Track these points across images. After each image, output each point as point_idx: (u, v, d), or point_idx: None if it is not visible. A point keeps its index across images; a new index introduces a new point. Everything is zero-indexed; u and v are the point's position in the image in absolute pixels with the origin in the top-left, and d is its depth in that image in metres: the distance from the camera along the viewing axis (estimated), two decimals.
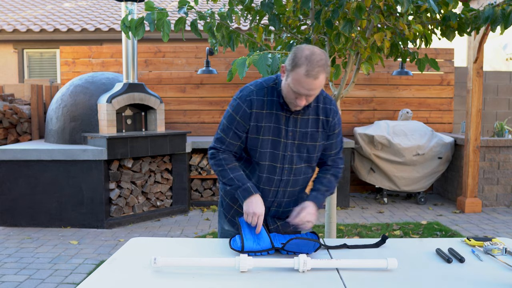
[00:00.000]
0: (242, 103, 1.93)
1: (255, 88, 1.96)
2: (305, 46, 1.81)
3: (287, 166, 1.99)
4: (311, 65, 1.74)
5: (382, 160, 5.92)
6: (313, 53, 1.76)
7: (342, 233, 4.71)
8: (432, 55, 6.71)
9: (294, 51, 1.80)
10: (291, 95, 1.83)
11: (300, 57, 1.76)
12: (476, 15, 2.81)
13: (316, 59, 1.75)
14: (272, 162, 1.98)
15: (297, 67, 1.76)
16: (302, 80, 1.76)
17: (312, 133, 1.98)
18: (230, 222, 2.16)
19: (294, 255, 1.82)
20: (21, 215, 4.98)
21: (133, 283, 1.54)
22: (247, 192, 1.91)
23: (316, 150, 2.02)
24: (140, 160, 5.35)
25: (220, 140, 1.99)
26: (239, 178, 1.94)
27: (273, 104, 1.94)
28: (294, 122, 1.95)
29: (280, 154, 1.97)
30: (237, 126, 1.94)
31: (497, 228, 5.02)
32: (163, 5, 11.26)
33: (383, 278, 1.60)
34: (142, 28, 2.58)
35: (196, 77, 6.67)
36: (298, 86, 1.78)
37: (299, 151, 1.99)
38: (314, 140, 2.00)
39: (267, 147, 1.96)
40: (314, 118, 1.98)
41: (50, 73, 10.17)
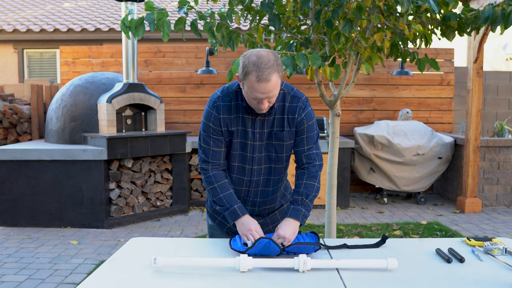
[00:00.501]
0: (211, 110, 1.98)
1: (221, 94, 1.99)
2: (251, 52, 1.83)
3: (256, 167, 2.03)
4: (260, 70, 1.76)
5: (382, 160, 5.92)
6: (260, 57, 1.78)
7: (342, 233, 4.71)
8: (432, 55, 6.71)
9: (242, 60, 1.83)
10: (252, 101, 1.86)
11: (247, 64, 1.79)
12: (476, 15, 2.81)
13: (263, 62, 1.77)
14: (241, 163, 2.03)
15: (247, 74, 1.79)
16: (255, 86, 1.78)
17: (276, 132, 1.99)
18: (211, 218, 2.23)
19: (294, 255, 1.82)
20: (21, 215, 4.98)
21: (133, 283, 1.54)
22: (234, 215, 1.93)
23: (284, 149, 2.03)
24: (140, 160, 5.35)
25: (204, 151, 2.01)
26: (228, 199, 1.95)
27: (239, 108, 1.97)
28: (260, 124, 1.98)
29: (249, 156, 2.02)
30: (213, 132, 1.98)
31: (497, 228, 5.02)
32: (163, 5, 11.26)
33: (383, 278, 1.60)
34: (142, 28, 2.58)
35: (196, 77, 6.67)
36: (254, 92, 1.80)
37: (267, 151, 2.02)
38: (280, 139, 2.00)
39: (237, 149, 2.01)
40: (280, 118, 1.99)
41: (50, 73, 10.17)
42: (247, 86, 1.81)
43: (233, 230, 2.17)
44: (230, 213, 1.94)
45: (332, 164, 3.33)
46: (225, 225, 2.18)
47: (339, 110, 3.33)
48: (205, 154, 2.00)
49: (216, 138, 1.98)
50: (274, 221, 2.19)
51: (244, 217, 1.92)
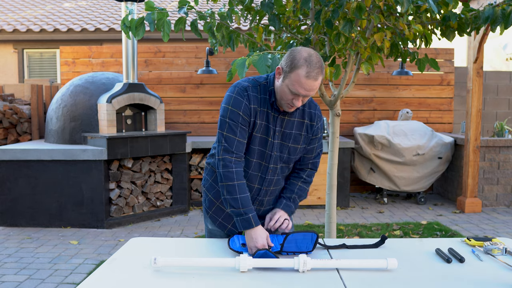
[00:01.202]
0: (242, 98, 1.90)
1: (250, 84, 1.95)
2: (301, 48, 1.83)
3: (272, 166, 2.00)
4: (311, 67, 1.77)
5: (382, 160, 5.92)
6: (311, 55, 1.80)
7: (342, 233, 4.71)
8: (432, 55, 6.72)
9: (292, 53, 1.82)
10: (288, 96, 1.84)
11: (299, 58, 1.78)
12: (476, 15, 2.81)
13: (314, 61, 1.79)
14: (259, 160, 1.99)
15: (296, 68, 1.78)
16: (302, 81, 1.78)
17: (295, 135, 2.01)
18: (212, 219, 2.14)
19: (294, 255, 1.82)
20: (21, 215, 4.98)
21: (133, 283, 1.54)
22: (247, 224, 1.85)
23: (296, 152, 2.04)
24: (140, 160, 5.35)
25: (228, 140, 1.89)
26: (245, 203, 1.86)
27: (266, 102, 1.94)
28: (280, 122, 1.97)
29: (267, 153, 1.98)
30: (242, 122, 1.89)
31: (497, 228, 5.02)
32: (163, 5, 11.26)
33: (383, 278, 1.60)
34: (142, 28, 2.58)
35: (196, 77, 6.67)
36: (298, 87, 1.79)
37: (281, 151, 2.00)
38: (297, 142, 2.02)
39: (257, 144, 1.96)
40: (300, 121, 2.01)
41: (50, 73, 10.17)
42: (292, 80, 1.79)
43: (234, 231, 2.13)
44: (243, 220, 1.85)
45: (332, 164, 3.33)
46: (226, 226, 2.12)
47: (339, 110, 3.33)
48: (229, 143, 1.89)
49: (243, 128, 1.90)
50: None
51: (256, 228, 1.84)
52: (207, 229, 2.20)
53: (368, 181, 6.15)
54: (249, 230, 1.84)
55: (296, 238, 1.80)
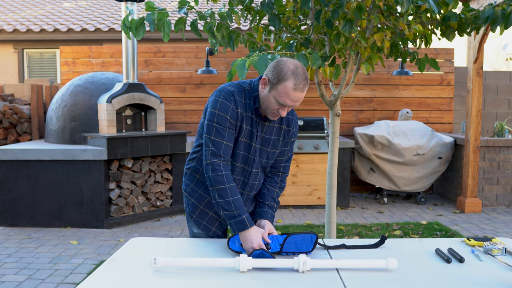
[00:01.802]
0: (229, 103, 1.91)
1: (236, 89, 1.96)
2: (287, 60, 1.86)
3: (254, 171, 2.04)
4: (298, 79, 1.81)
5: (382, 160, 5.92)
6: (297, 67, 1.83)
7: (342, 233, 4.71)
8: (432, 55, 6.72)
9: (279, 65, 1.85)
10: (274, 106, 1.88)
11: (286, 71, 1.81)
12: (476, 15, 2.81)
13: (301, 73, 1.82)
14: (243, 164, 2.01)
15: (284, 80, 1.81)
16: (290, 93, 1.81)
17: (274, 140, 2.05)
18: (196, 223, 2.13)
19: (293, 255, 1.82)
20: (21, 215, 4.98)
21: (133, 283, 1.54)
22: (242, 225, 1.84)
23: (274, 156, 2.09)
24: (140, 160, 5.35)
25: (216, 144, 1.89)
26: (237, 205, 1.86)
27: (250, 108, 1.97)
28: (261, 128, 2.01)
29: (250, 158, 2.01)
30: (230, 126, 1.91)
31: (497, 228, 5.02)
32: (163, 5, 11.26)
33: (383, 278, 1.60)
34: (143, 29, 2.58)
35: (196, 77, 6.67)
36: (285, 98, 1.83)
37: (260, 156, 2.04)
38: (275, 147, 2.06)
39: (241, 149, 1.99)
40: (278, 127, 2.06)
41: (50, 73, 10.17)
42: (279, 91, 1.83)
43: (218, 234, 2.14)
44: (237, 222, 1.84)
45: (332, 164, 3.33)
46: (211, 229, 2.12)
47: (339, 110, 3.33)
48: (217, 147, 1.89)
49: (231, 131, 1.92)
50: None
51: (251, 229, 1.84)
52: (191, 233, 2.19)
53: (368, 181, 6.15)
54: (243, 231, 1.84)
55: (296, 239, 1.80)
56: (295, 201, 5.87)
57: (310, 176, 5.83)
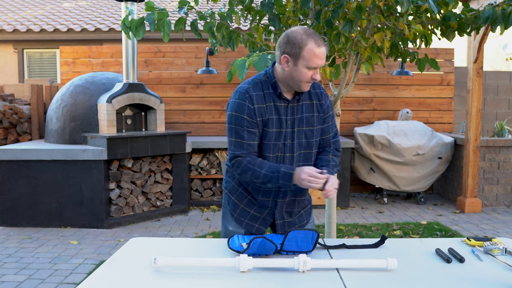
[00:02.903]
0: (244, 102, 1.93)
1: (250, 85, 1.97)
2: (292, 29, 1.90)
3: (288, 155, 2.01)
4: (315, 36, 1.85)
5: (382, 160, 5.92)
6: (305, 28, 1.88)
7: (342, 233, 4.71)
8: (432, 55, 6.72)
9: (289, 36, 1.87)
10: (307, 74, 1.88)
11: (300, 36, 1.85)
12: (476, 15, 2.81)
13: (311, 31, 1.87)
14: (276, 152, 2.00)
15: (305, 45, 1.84)
16: (316, 53, 1.84)
17: (308, 117, 2.02)
18: (237, 221, 2.14)
19: (293, 254, 1.82)
20: (21, 215, 4.98)
21: (133, 283, 1.54)
22: (287, 176, 1.89)
23: (314, 135, 2.05)
24: (140, 160, 5.35)
25: (237, 145, 1.94)
26: (272, 170, 1.91)
27: (271, 96, 1.97)
28: (291, 111, 1.99)
29: (281, 144, 2.00)
30: (248, 125, 1.93)
31: (497, 228, 5.02)
32: (163, 5, 11.26)
33: (383, 278, 1.60)
34: (143, 29, 2.58)
35: (196, 77, 6.67)
36: (315, 59, 1.85)
37: (298, 138, 2.01)
38: (311, 124, 2.03)
39: (271, 139, 1.98)
40: (308, 104, 2.03)
41: (50, 73, 10.17)
42: (306, 57, 1.84)
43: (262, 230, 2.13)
44: (281, 177, 1.89)
45: None
46: (254, 226, 2.13)
47: (339, 110, 3.33)
48: (237, 148, 1.94)
49: (250, 130, 1.93)
50: (301, 221, 2.18)
51: (296, 171, 1.88)
52: (225, 231, 2.20)
53: (368, 181, 6.15)
54: (293, 177, 1.88)
55: (297, 236, 1.80)
56: None
57: None
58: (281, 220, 2.11)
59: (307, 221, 2.22)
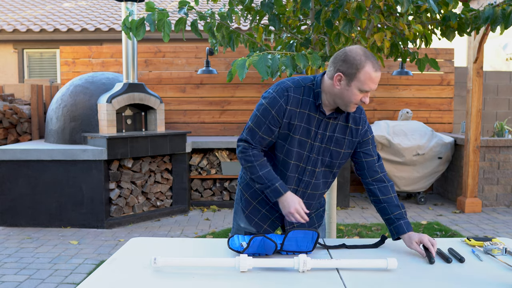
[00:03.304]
0: (279, 98, 1.91)
1: (293, 85, 1.94)
2: (351, 48, 1.83)
3: (309, 168, 1.99)
4: (373, 60, 1.80)
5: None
6: (365, 50, 1.82)
7: (342, 233, 4.71)
8: (432, 55, 6.72)
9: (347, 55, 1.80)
10: (358, 97, 1.82)
11: (359, 58, 1.78)
12: (476, 15, 2.81)
13: (370, 53, 1.82)
14: (297, 161, 1.98)
15: (363, 67, 1.77)
16: (373, 76, 1.79)
17: (338, 138, 1.98)
18: (248, 219, 2.14)
19: (293, 254, 1.82)
20: (21, 215, 4.98)
21: (133, 283, 1.54)
22: (276, 193, 1.91)
23: (339, 156, 2.00)
24: (140, 160, 5.35)
25: (252, 132, 1.95)
26: (268, 176, 1.92)
27: (308, 104, 1.93)
28: (325, 125, 1.95)
29: (305, 155, 1.97)
30: (271, 120, 1.91)
31: (497, 228, 5.02)
32: (163, 5, 11.26)
33: (383, 278, 1.60)
34: (143, 29, 2.58)
35: (196, 77, 6.67)
36: (370, 83, 1.80)
37: (323, 155, 1.99)
38: (340, 146, 1.98)
39: (295, 145, 1.95)
40: (343, 125, 1.98)
41: (50, 73, 10.17)
42: (361, 79, 1.78)
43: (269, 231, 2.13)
44: (271, 191, 1.91)
45: None
46: (262, 226, 2.12)
47: None
48: (251, 136, 1.95)
49: (270, 127, 1.92)
50: (311, 224, 2.16)
51: (286, 195, 1.90)
52: (237, 227, 2.19)
53: None
54: (280, 198, 1.91)
55: (297, 235, 1.80)
56: None
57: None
58: (291, 226, 2.09)
59: (318, 224, 2.19)
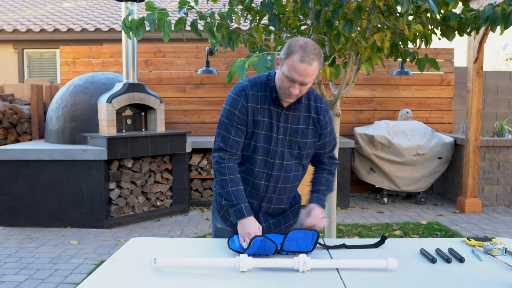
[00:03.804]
0: (239, 98, 1.96)
1: (249, 83, 2.00)
2: (299, 38, 1.89)
3: (277, 162, 2.02)
4: (306, 52, 1.81)
5: (382, 160, 5.92)
6: (307, 42, 1.84)
7: (342, 233, 4.71)
8: (432, 55, 6.71)
9: (289, 42, 1.88)
10: (285, 84, 1.87)
11: (294, 45, 1.83)
12: (476, 15, 2.81)
13: (310, 48, 1.83)
14: (264, 156, 2.00)
15: (291, 54, 1.82)
16: (296, 66, 1.81)
17: (303, 129, 2.02)
18: (223, 219, 2.16)
19: (293, 254, 1.82)
20: (21, 215, 4.98)
21: (133, 283, 1.54)
22: (240, 214, 1.91)
23: (306, 147, 2.05)
24: (140, 160, 5.35)
25: (224, 139, 1.97)
26: (237, 195, 1.93)
27: (266, 99, 1.98)
28: (285, 118, 1.99)
29: (272, 149, 2.00)
30: (238, 120, 1.95)
31: (497, 228, 5.02)
32: (163, 5, 11.26)
33: (383, 278, 1.60)
34: (143, 29, 2.58)
35: (196, 77, 6.67)
36: (293, 72, 1.83)
37: (290, 147, 2.02)
38: (305, 137, 2.03)
39: (261, 141, 1.99)
40: (306, 116, 2.03)
41: (50, 73, 10.17)
42: (287, 66, 1.83)
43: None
44: (235, 210, 1.92)
45: None
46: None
47: (339, 110, 3.33)
48: (224, 142, 1.96)
49: (238, 127, 1.95)
50: (286, 221, 2.17)
51: (248, 218, 1.90)
52: (214, 228, 2.21)
53: (368, 181, 6.15)
54: (242, 219, 1.90)
55: (297, 236, 1.80)
56: None
57: (310, 176, 5.82)
58: (266, 223, 2.11)
59: (294, 220, 2.21)
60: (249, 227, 1.87)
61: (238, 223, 1.91)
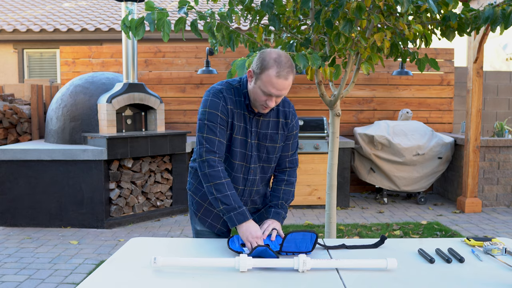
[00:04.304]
0: (218, 100, 1.94)
1: (224, 87, 2.00)
2: (271, 50, 1.89)
3: (253, 166, 2.05)
4: (281, 67, 1.82)
5: (382, 160, 5.92)
6: (280, 55, 1.85)
7: (342, 233, 4.71)
8: (432, 55, 6.71)
9: (261, 55, 1.87)
10: (261, 97, 1.88)
11: (268, 60, 1.83)
12: (476, 15, 2.81)
13: (284, 61, 1.84)
14: (241, 161, 2.03)
15: (266, 69, 1.83)
16: (273, 81, 1.82)
17: (272, 134, 2.05)
18: (201, 221, 2.16)
19: (293, 255, 1.82)
20: (21, 215, 4.98)
21: (133, 283, 1.54)
22: (242, 217, 1.88)
23: (275, 151, 2.08)
24: (140, 160, 5.35)
25: (209, 141, 1.91)
26: (235, 198, 1.90)
27: (241, 104, 1.99)
28: (256, 123, 2.02)
29: (247, 154, 2.03)
30: (221, 121, 1.93)
31: (497, 228, 5.02)
32: (163, 5, 11.26)
33: (383, 278, 1.60)
34: (143, 28, 2.58)
35: (196, 77, 6.67)
36: (269, 87, 1.84)
37: (258, 151, 2.05)
38: (274, 141, 2.06)
39: (238, 146, 2.00)
40: (275, 121, 2.06)
41: (50, 73, 10.17)
42: (263, 81, 1.84)
43: (223, 231, 2.15)
44: (237, 214, 1.87)
45: (332, 164, 3.33)
46: (216, 226, 2.15)
47: (339, 110, 3.33)
48: (210, 144, 1.91)
49: (222, 128, 1.94)
50: (262, 218, 2.18)
51: (250, 221, 1.89)
52: (195, 231, 2.22)
53: (368, 181, 6.15)
54: (244, 223, 1.88)
55: (296, 237, 1.80)
56: (295, 201, 5.87)
57: (310, 176, 5.83)
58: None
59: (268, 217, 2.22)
60: (256, 231, 1.86)
61: (241, 226, 1.88)
